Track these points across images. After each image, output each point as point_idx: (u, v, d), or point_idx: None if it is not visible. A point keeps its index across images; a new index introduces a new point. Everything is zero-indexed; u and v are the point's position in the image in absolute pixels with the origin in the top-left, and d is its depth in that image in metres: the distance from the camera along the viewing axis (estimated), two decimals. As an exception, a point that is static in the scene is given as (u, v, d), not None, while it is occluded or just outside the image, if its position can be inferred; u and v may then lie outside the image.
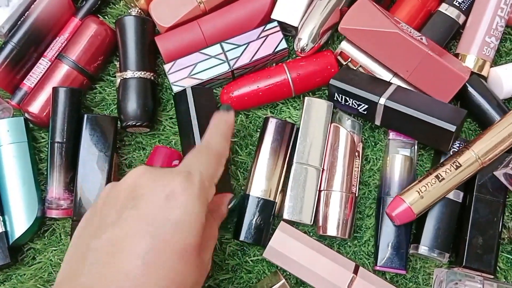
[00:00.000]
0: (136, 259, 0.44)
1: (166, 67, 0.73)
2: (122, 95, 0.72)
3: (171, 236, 0.45)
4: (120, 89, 0.72)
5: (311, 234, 0.70)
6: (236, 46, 0.73)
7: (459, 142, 0.68)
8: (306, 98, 0.70)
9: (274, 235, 0.66)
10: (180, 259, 0.45)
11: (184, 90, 0.69)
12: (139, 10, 0.74)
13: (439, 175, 0.65)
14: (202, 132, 0.67)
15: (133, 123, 0.71)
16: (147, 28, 0.73)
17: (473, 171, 0.65)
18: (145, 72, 0.72)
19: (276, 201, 0.68)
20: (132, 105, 0.71)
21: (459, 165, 0.64)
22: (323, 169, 0.69)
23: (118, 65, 0.75)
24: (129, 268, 0.43)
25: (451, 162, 0.65)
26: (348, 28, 0.69)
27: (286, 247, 0.65)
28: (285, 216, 0.67)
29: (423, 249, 0.66)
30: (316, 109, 0.70)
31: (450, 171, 0.65)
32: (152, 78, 0.73)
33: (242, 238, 0.67)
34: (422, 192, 0.64)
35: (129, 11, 0.75)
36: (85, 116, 0.70)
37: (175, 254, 0.45)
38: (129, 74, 0.72)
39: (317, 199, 0.68)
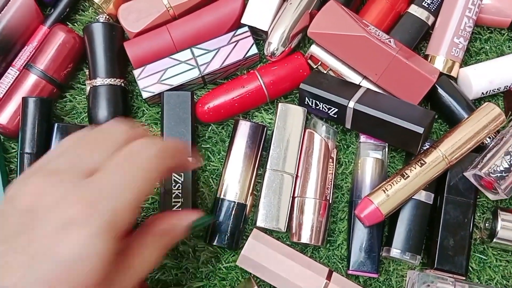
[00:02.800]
0: None
1: (136, 72, 0.72)
2: (93, 102, 0.71)
3: (57, 276, 0.38)
4: (90, 97, 0.71)
5: (285, 239, 0.70)
6: (206, 51, 0.73)
7: (429, 143, 0.68)
8: (280, 104, 0.70)
9: (246, 243, 0.65)
10: None
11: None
12: (107, 16, 0.74)
13: (404, 173, 0.65)
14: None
15: None
16: (116, 34, 0.73)
17: (441, 170, 0.65)
18: (115, 79, 0.72)
19: (247, 203, 0.68)
20: (102, 112, 0.71)
21: (423, 162, 0.64)
22: (297, 176, 0.69)
23: (87, 73, 0.74)
24: None
25: (416, 160, 0.65)
26: (316, 32, 0.69)
27: (259, 255, 0.65)
28: (259, 223, 0.66)
29: (394, 252, 0.66)
30: (290, 115, 0.69)
31: (415, 169, 0.65)
32: (123, 84, 0.72)
33: (214, 242, 0.67)
34: (387, 191, 0.64)
35: (97, 17, 0.75)
36: (56, 125, 0.69)
37: None
38: (98, 81, 0.71)
39: (291, 206, 0.68)
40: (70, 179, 0.42)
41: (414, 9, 0.74)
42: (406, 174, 0.65)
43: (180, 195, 0.67)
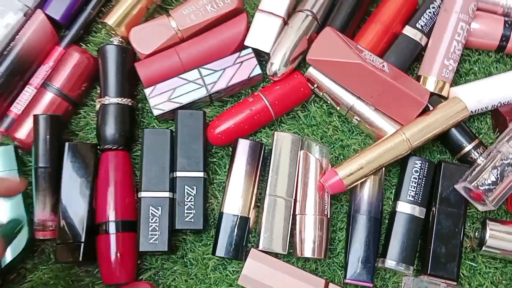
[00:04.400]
0: None
1: (147, 91, 0.77)
2: (101, 120, 0.76)
3: None
4: (100, 114, 0.76)
5: (281, 256, 0.74)
6: (213, 71, 0.78)
7: (420, 160, 0.74)
8: (275, 133, 0.74)
9: (246, 263, 0.70)
10: None
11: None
12: (121, 39, 0.78)
13: (367, 152, 0.71)
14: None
15: (110, 147, 0.75)
16: (127, 56, 0.77)
17: (402, 153, 0.71)
18: (123, 98, 0.76)
19: (250, 216, 0.73)
20: (110, 129, 0.75)
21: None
22: (295, 196, 0.73)
23: (99, 91, 0.79)
24: None
25: (381, 140, 0.72)
26: (314, 59, 0.74)
27: (258, 274, 0.69)
28: (261, 246, 0.71)
29: (389, 263, 0.71)
30: (285, 143, 0.74)
31: (379, 149, 0.71)
32: (130, 104, 0.77)
33: (220, 254, 0.71)
34: (351, 166, 0.71)
35: (111, 39, 0.79)
36: (66, 144, 0.73)
37: None
38: (108, 100, 0.76)
39: (293, 223, 0.72)
40: None
41: (408, 31, 0.80)
42: (370, 153, 0.71)
43: (192, 206, 0.72)
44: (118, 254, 0.71)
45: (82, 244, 0.71)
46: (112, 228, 0.72)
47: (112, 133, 0.75)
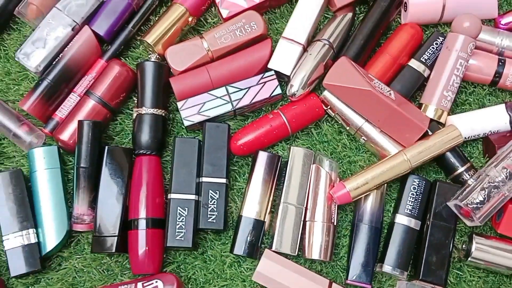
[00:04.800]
0: None
1: (179, 104, 0.86)
2: (137, 127, 0.85)
3: None
4: (136, 122, 0.85)
5: (291, 257, 0.83)
6: (238, 89, 0.87)
7: (417, 178, 0.83)
8: (292, 147, 0.84)
9: (260, 262, 0.79)
10: None
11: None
12: (158, 56, 0.88)
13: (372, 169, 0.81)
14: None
15: (144, 152, 0.84)
16: (163, 72, 0.86)
17: (403, 171, 0.81)
18: (157, 109, 0.85)
19: (265, 220, 0.82)
20: (144, 136, 0.84)
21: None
22: (306, 207, 0.82)
23: (136, 101, 0.88)
24: None
25: (384, 160, 0.82)
26: (330, 84, 0.84)
27: (271, 271, 0.79)
28: (274, 247, 0.80)
29: (386, 267, 0.81)
30: (299, 156, 0.83)
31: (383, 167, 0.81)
32: (163, 114, 0.86)
33: (237, 252, 0.81)
34: (358, 181, 0.80)
35: (149, 56, 0.88)
36: (106, 147, 0.82)
37: None
38: (144, 110, 0.85)
39: (303, 228, 0.82)
40: None
41: (413, 63, 0.89)
42: (375, 170, 0.81)
43: (215, 209, 0.81)
44: (147, 248, 0.80)
45: (116, 238, 0.80)
46: (142, 224, 0.80)
47: (146, 140, 0.84)
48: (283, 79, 0.90)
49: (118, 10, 0.88)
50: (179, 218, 0.81)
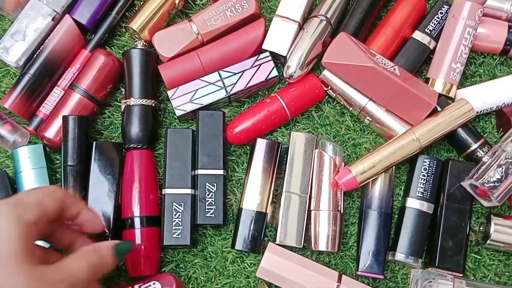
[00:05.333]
0: None
1: (170, 92, 0.81)
2: (126, 120, 0.80)
3: None
4: (125, 115, 0.80)
5: (297, 250, 0.78)
6: (232, 73, 0.82)
7: (428, 158, 0.78)
8: (292, 132, 0.78)
9: (264, 256, 0.74)
10: None
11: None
12: (144, 43, 0.82)
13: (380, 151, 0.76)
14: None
15: (135, 146, 0.79)
16: (151, 59, 0.81)
17: (412, 151, 0.76)
18: (147, 99, 0.80)
19: (267, 212, 0.77)
20: (134, 129, 0.79)
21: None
22: (310, 195, 0.77)
23: (123, 92, 0.83)
24: None
25: (393, 139, 0.77)
26: (329, 62, 0.78)
27: (275, 266, 0.74)
28: (278, 240, 0.75)
29: (399, 255, 0.75)
30: (300, 142, 0.78)
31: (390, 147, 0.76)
32: (154, 105, 0.81)
33: (239, 247, 0.76)
34: (364, 164, 0.75)
35: (135, 43, 0.83)
36: (94, 143, 0.77)
37: None
38: (132, 101, 0.80)
39: (308, 218, 0.77)
40: None
41: (417, 35, 0.83)
42: (382, 152, 0.75)
43: (213, 202, 0.76)
44: (143, 248, 0.75)
45: (109, 238, 0.75)
46: (137, 223, 0.76)
47: (137, 132, 0.79)
48: (279, 60, 0.84)
49: (99, -4, 0.83)
50: (175, 215, 0.76)
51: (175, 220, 0.76)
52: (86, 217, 0.64)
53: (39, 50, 0.81)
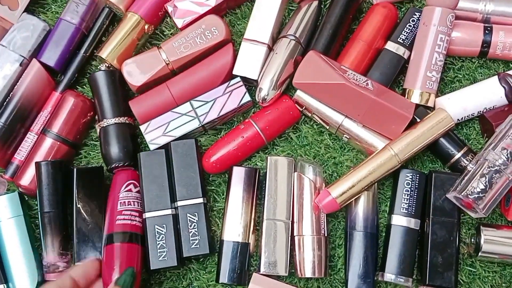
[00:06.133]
0: None
1: (142, 127, 0.80)
2: (104, 141, 0.79)
3: None
4: (101, 137, 0.80)
5: (282, 278, 0.76)
6: (204, 102, 0.80)
7: (411, 173, 0.75)
8: (268, 157, 0.77)
9: None
10: None
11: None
12: (108, 65, 0.81)
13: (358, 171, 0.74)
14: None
15: (117, 164, 0.78)
16: (116, 79, 0.81)
17: (392, 168, 0.74)
18: (119, 118, 0.79)
19: (249, 242, 0.75)
20: (113, 148, 0.78)
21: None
22: (292, 220, 0.75)
23: (96, 118, 0.82)
24: None
25: (370, 158, 0.74)
26: (300, 82, 0.77)
27: None
28: (262, 270, 0.73)
29: (388, 276, 0.73)
30: (279, 166, 0.76)
31: (369, 166, 0.74)
32: (128, 121, 0.80)
33: (224, 280, 0.74)
34: (343, 185, 0.73)
35: (99, 67, 0.82)
36: (75, 169, 0.77)
37: None
38: (106, 122, 0.79)
39: (292, 244, 0.75)
40: None
41: (390, 46, 0.81)
42: (360, 171, 0.73)
43: (196, 233, 0.75)
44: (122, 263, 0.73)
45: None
46: (116, 238, 0.74)
47: (116, 152, 0.78)
48: (252, 84, 0.83)
49: (66, 36, 0.82)
50: (158, 237, 0.75)
51: (159, 243, 0.75)
52: None
53: (9, 97, 0.80)
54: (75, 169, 0.77)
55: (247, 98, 0.80)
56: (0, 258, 0.76)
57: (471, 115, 0.79)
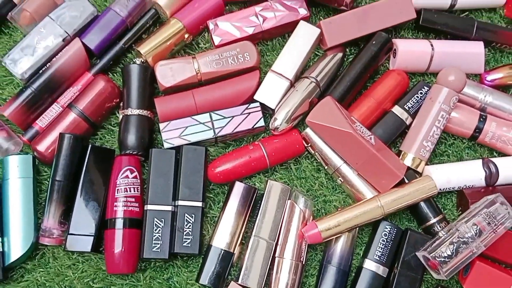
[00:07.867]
0: None
1: (162, 125, 0.86)
2: (123, 128, 0.85)
3: None
4: (122, 124, 0.85)
5: None
6: (222, 117, 0.87)
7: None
8: (269, 180, 0.84)
9: None
10: None
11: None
12: (142, 60, 0.87)
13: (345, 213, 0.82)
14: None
15: (131, 152, 0.84)
16: (148, 74, 0.87)
17: (375, 217, 0.82)
18: (143, 110, 0.85)
19: (234, 252, 0.82)
20: (131, 137, 0.84)
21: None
22: (277, 240, 0.82)
23: (121, 104, 0.87)
24: None
25: (358, 203, 0.83)
26: (312, 122, 0.85)
27: None
28: (240, 281, 0.80)
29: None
30: (275, 190, 0.83)
31: (355, 211, 0.82)
32: (149, 115, 0.86)
33: (203, 282, 0.80)
34: (331, 222, 0.80)
35: (134, 59, 0.88)
36: (90, 145, 0.82)
37: None
38: (130, 111, 0.85)
39: (271, 264, 0.81)
40: None
41: (397, 110, 0.90)
42: (348, 213, 0.81)
43: (190, 233, 0.81)
44: (123, 248, 0.79)
45: (93, 237, 0.80)
46: (119, 224, 0.80)
47: (133, 140, 0.84)
48: (267, 111, 0.90)
49: (111, 25, 0.88)
50: (155, 230, 0.81)
51: (155, 235, 0.80)
52: None
53: (45, 67, 0.85)
54: (90, 145, 0.83)
55: (262, 123, 0.88)
56: (1, 213, 0.80)
57: (452, 188, 0.88)
